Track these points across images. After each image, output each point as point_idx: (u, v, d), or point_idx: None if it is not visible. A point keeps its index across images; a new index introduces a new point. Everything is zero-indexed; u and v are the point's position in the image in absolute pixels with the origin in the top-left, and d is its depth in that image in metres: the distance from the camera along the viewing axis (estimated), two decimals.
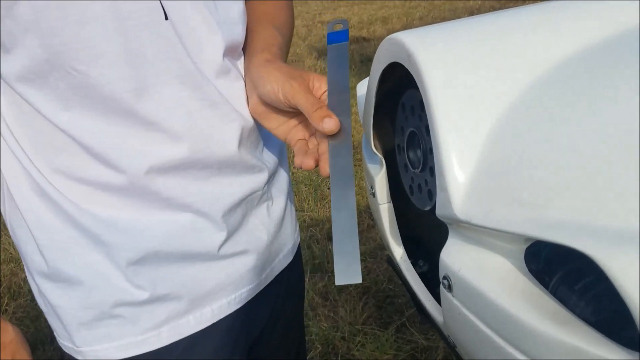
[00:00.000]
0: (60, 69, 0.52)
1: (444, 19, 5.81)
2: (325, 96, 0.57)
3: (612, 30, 0.55)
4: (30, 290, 1.92)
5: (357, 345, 1.70)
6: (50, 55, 0.51)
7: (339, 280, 0.48)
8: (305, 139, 0.60)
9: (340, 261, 0.49)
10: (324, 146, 0.56)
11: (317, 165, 0.56)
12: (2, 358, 0.61)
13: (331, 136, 0.55)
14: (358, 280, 0.48)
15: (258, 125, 0.65)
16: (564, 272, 0.45)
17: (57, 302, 0.62)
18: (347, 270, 0.48)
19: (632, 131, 0.42)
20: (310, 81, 0.58)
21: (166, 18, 0.54)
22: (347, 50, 0.61)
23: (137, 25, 0.53)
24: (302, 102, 0.55)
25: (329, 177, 0.54)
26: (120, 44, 0.52)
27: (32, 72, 0.52)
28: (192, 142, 0.58)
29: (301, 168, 0.56)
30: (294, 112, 0.60)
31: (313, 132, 0.60)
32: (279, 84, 0.56)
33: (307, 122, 0.59)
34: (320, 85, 0.58)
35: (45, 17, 0.49)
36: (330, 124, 0.54)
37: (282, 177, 0.74)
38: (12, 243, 0.63)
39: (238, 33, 0.63)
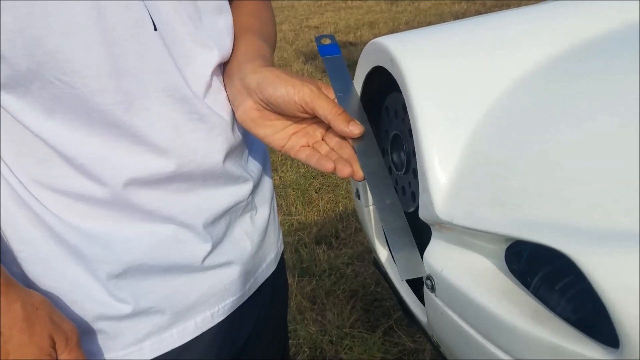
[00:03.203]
0: (43, 78, 0.50)
1: (429, 23, 5.84)
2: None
3: (591, 35, 0.56)
4: None
5: (345, 349, 1.70)
6: (33, 64, 0.49)
7: (404, 276, 0.51)
8: (309, 145, 0.60)
9: (400, 258, 0.52)
10: (347, 151, 0.57)
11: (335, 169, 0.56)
12: (39, 318, 0.53)
13: (354, 140, 0.57)
14: (423, 273, 0.51)
15: (243, 135, 0.64)
16: (545, 272, 0.46)
17: None
18: (409, 265, 0.51)
19: (611, 132, 0.43)
20: (320, 88, 0.58)
21: (155, 29, 0.53)
22: (344, 62, 0.64)
23: (123, 37, 0.51)
24: (323, 106, 0.55)
25: (362, 180, 0.56)
26: (106, 55, 0.51)
27: (14, 80, 0.50)
28: (178, 156, 0.57)
29: (328, 172, 0.56)
30: (295, 119, 0.59)
31: (318, 138, 0.60)
32: (295, 87, 0.55)
33: (308, 128, 0.60)
34: (328, 93, 0.58)
35: (29, 26, 0.48)
36: (357, 127, 0.55)
37: (266, 186, 0.73)
38: None
39: (226, 46, 0.62)
